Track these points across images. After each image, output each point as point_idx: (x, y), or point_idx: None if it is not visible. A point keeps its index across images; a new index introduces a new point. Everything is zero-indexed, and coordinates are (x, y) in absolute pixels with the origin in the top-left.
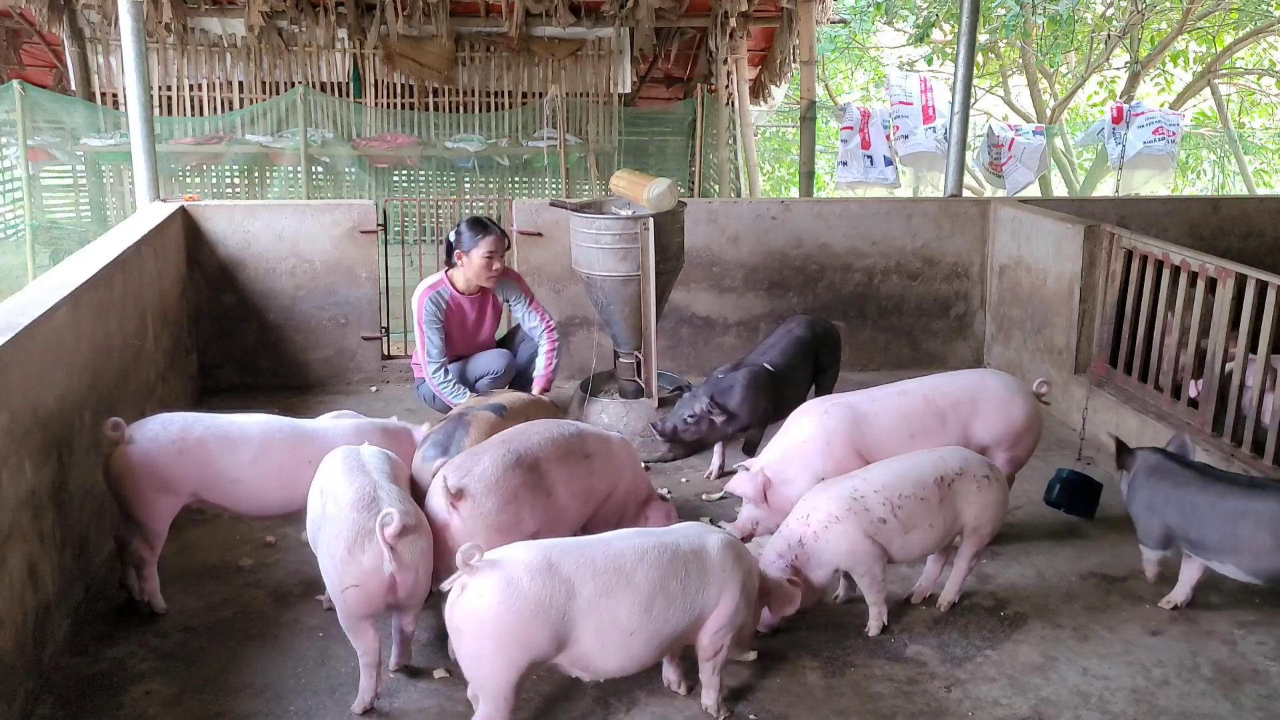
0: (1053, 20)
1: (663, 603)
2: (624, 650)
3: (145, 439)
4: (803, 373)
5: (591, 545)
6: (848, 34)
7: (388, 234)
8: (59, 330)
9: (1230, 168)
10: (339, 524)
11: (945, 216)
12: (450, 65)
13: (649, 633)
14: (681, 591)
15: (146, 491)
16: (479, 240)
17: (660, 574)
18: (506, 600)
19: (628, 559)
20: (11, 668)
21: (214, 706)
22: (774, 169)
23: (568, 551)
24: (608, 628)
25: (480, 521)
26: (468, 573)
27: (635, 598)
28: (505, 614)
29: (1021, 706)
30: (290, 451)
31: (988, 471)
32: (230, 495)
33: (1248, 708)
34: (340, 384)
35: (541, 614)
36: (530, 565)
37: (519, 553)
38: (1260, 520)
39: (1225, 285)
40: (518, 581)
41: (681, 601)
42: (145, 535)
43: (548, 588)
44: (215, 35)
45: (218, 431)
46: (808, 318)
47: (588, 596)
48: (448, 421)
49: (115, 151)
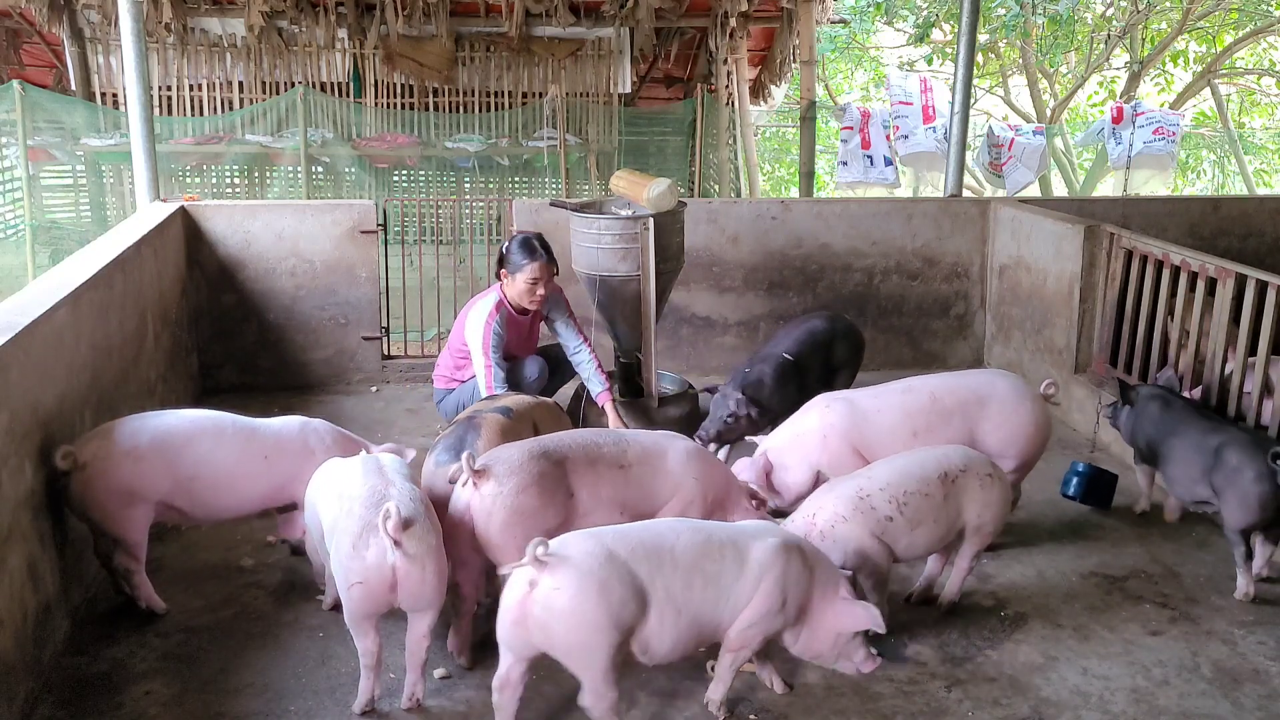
0: (1053, 20)
1: (700, 582)
2: (675, 630)
3: (97, 458)
4: (816, 363)
5: (635, 530)
6: (848, 34)
7: (388, 234)
8: (59, 330)
9: (1230, 168)
10: (348, 521)
11: (945, 216)
12: (450, 65)
13: (692, 613)
14: (718, 574)
15: (115, 507)
16: (524, 265)
17: (695, 554)
18: (583, 590)
19: (666, 538)
20: (11, 668)
21: (214, 706)
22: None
23: (618, 536)
24: (663, 605)
25: (499, 501)
26: (536, 568)
27: (678, 574)
28: (585, 603)
29: (1021, 706)
30: (244, 445)
31: (990, 470)
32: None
33: (1248, 708)
34: (340, 384)
35: (615, 596)
36: (594, 553)
37: (579, 543)
38: (1197, 453)
39: (1225, 285)
40: (589, 570)
41: (718, 585)
42: (127, 548)
43: (614, 571)
44: (215, 35)
45: (166, 430)
46: (830, 313)
47: (645, 575)
48: (458, 425)
49: (115, 151)
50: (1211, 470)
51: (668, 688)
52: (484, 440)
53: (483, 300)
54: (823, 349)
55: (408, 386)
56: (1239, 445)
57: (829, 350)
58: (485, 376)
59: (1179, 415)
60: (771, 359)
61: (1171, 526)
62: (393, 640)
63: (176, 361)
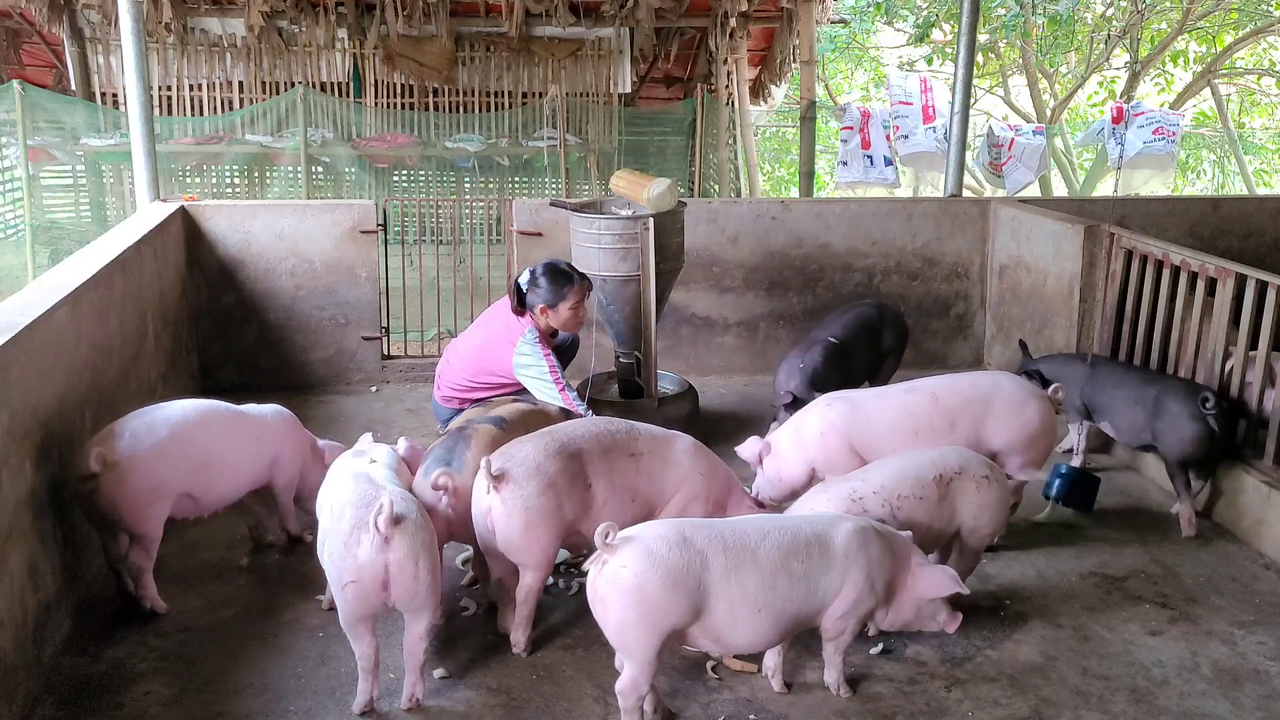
0: (1053, 20)
1: (785, 582)
2: (752, 626)
3: (127, 456)
4: (863, 347)
5: (720, 523)
6: (848, 34)
7: (388, 234)
8: (59, 330)
9: (1230, 168)
10: (339, 522)
11: (945, 216)
12: (450, 65)
13: (774, 610)
14: (804, 573)
15: (142, 505)
16: (565, 292)
17: (782, 554)
18: (647, 570)
19: (751, 537)
20: (11, 668)
21: (214, 706)
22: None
23: (699, 527)
24: (737, 602)
25: (520, 504)
26: (607, 551)
27: (760, 574)
28: (646, 583)
29: (1021, 706)
30: (239, 429)
31: (987, 472)
32: (202, 482)
33: (1248, 708)
34: (340, 384)
35: (679, 583)
36: (666, 538)
37: (655, 528)
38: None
39: (1225, 285)
40: (656, 553)
41: (804, 583)
42: (144, 545)
43: (684, 558)
44: (215, 35)
45: (175, 423)
46: (878, 301)
47: (719, 569)
48: (449, 436)
49: (115, 151)
50: (1152, 415)
51: (667, 687)
52: (474, 451)
53: (524, 336)
54: (872, 336)
55: (408, 387)
56: (1175, 391)
57: (877, 337)
58: (563, 396)
59: (1117, 372)
60: (820, 344)
61: (1171, 526)
62: (392, 640)
63: (176, 361)
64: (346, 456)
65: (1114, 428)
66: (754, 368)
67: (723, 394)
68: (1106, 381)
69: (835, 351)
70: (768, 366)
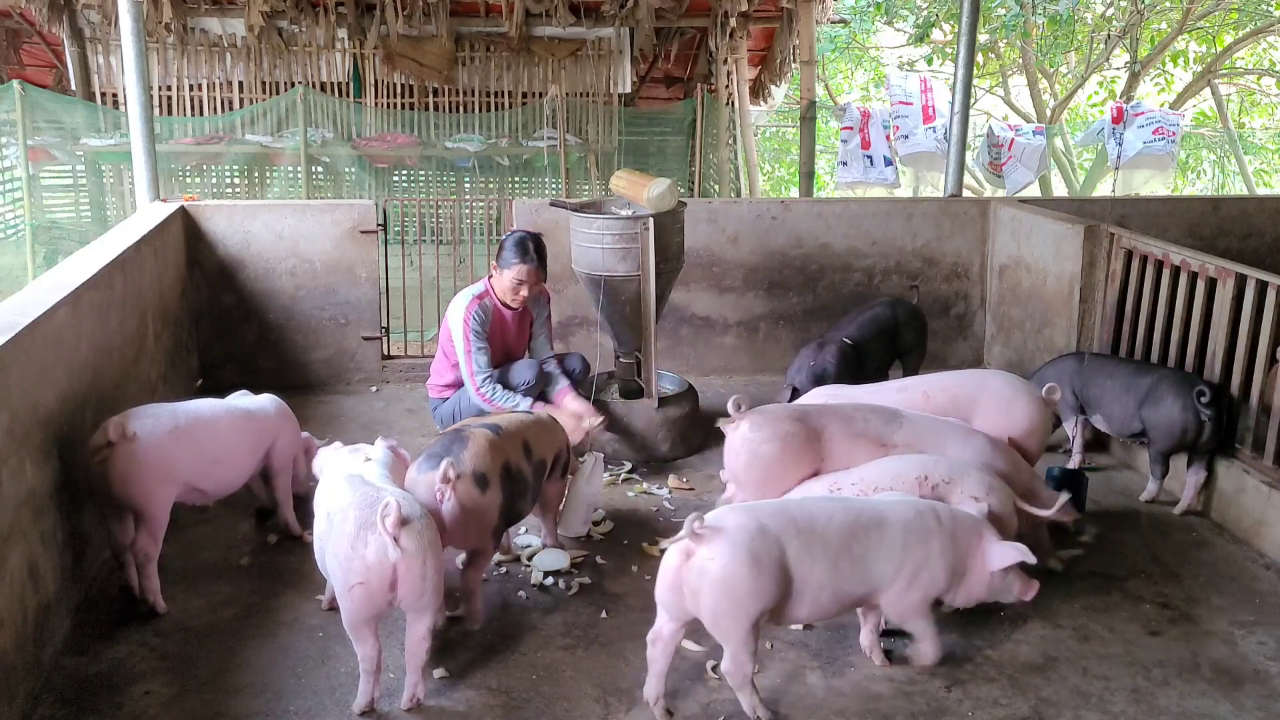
0: (1053, 20)
1: (848, 565)
2: (816, 604)
3: (144, 433)
4: (878, 347)
5: (789, 507)
6: (848, 34)
7: (388, 234)
8: (59, 330)
9: (1230, 168)
10: (343, 524)
11: (945, 216)
12: (450, 65)
13: (836, 590)
14: (864, 557)
15: (154, 483)
16: (513, 264)
17: (844, 537)
18: (734, 561)
19: (819, 520)
20: (11, 668)
21: (214, 706)
22: (774, 169)
23: (773, 514)
24: (806, 583)
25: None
26: (694, 540)
27: (826, 556)
28: (734, 575)
29: (1021, 706)
30: (244, 424)
31: (982, 493)
32: (210, 477)
33: (1248, 708)
34: (340, 384)
35: (764, 570)
36: (747, 528)
37: (735, 518)
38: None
39: (1225, 285)
40: (741, 543)
41: (864, 566)
42: (151, 530)
43: (764, 545)
44: (215, 35)
45: (193, 416)
46: (892, 298)
47: (794, 553)
48: (444, 436)
49: (115, 151)
50: (1144, 402)
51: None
52: (470, 452)
53: (468, 289)
54: (887, 335)
55: (408, 386)
56: (1170, 380)
57: (893, 336)
58: (466, 362)
59: (1109, 364)
60: (834, 345)
61: (1172, 526)
62: (393, 640)
63: (176, 361)
64: (342, 454)
65: (1105, 419)
66: (754, 368)
67: (723, 394)
68: (1098, 373)
69: (849, 352)
70: (768, 366)
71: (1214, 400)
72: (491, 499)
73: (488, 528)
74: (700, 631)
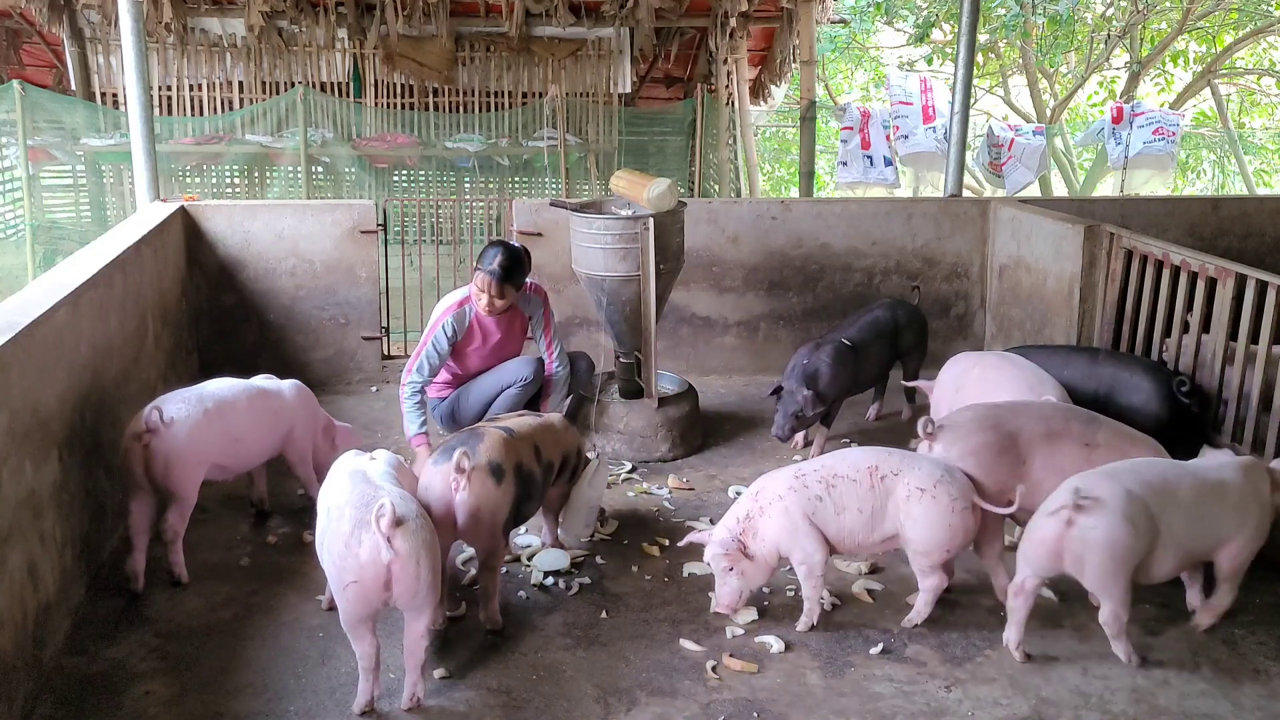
0: (1053, 20)
1: (1199, 521)
2: (1171, 559)
3: (180, 417)
4: (878, 350)
5: (1143, 469)
6: (848, 34)
7: (388, 234)
8: (59, 330)
9: (1230, 168)
10: (339, 523)
11: (945, 216)
12: (450, 65)
13: (1187, 547)
14: (1214, 514)
15: (190, 466)
16: (476, 271)
17: (1194, 495)
18: (1115, 529)
19: (1170, 480)
20: (11, 668)
21: (214, 706)
22: (774, 169)
23: (1137, 480)
24: (1165, 539)
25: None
26: (1074, 511)
27: (1180, 513)
28: (1116, 540)
29: (1021, 706)
30: (263, 405)
31: (928, 485)
32: (233, 453)
33: (1248, 708)
34: (340, 384)
35: (1138, 531)
36: (1119, 495)
37: (1107, 486)
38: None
39: (1225, 285)
40: (1118, 510)
41: (1213, 522)
42: (181, 509)
43: (1137, 509)
44: (215, 35)
45: (218, 398)
46: (891, 300)
47: (1156, 512)
48: (461, 433)
49: (115, 151)
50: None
51: (668, 687)
52: (485, 446)
53: (456, 291)
54: (886, 337)
55: None
56: (1145, 370)
57: (893, 338)
58: (414, 355)
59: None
60: (831, 344)
61: None
62: (393, 640)
63: (177, 361)
64: (348, 456)
65: None
66: (754, 368)
67: (723, 394)
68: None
69: (845, 352)
70: (768, 366)
71: (1193, 390)
72: (506, 492)
73: (499, 522)
74: (703, 631)
